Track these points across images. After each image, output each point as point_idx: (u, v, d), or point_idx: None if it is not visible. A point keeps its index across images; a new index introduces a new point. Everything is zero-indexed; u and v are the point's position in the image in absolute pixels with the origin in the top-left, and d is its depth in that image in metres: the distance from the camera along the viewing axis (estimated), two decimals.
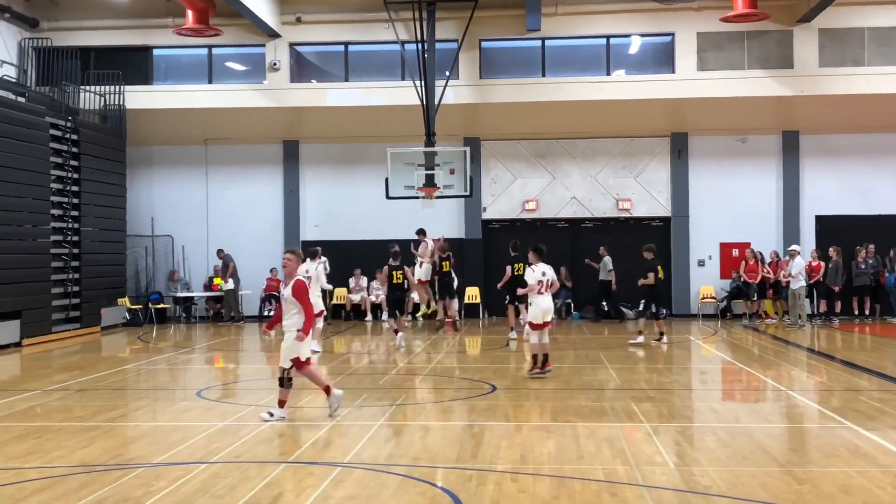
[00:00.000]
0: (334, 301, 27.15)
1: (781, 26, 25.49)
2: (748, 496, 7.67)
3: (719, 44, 26.13)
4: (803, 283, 23.68)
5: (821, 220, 26.94)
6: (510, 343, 20.20)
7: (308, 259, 17.98)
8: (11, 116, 21.75)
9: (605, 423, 10.98)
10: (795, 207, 26.89)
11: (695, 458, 9.30)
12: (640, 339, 19.75)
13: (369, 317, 26.79)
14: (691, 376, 16.53)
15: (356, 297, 27.29)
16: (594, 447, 9.62)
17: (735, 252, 26.86)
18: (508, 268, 20.64)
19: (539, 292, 14.40)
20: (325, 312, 19.35)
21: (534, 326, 14.35)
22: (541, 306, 14.42)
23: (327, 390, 11.35)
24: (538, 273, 14.43)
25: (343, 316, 27.44)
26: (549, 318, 14.59)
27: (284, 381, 11.08)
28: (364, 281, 27.44)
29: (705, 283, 27.09)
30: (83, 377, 15.76)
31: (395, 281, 19.60)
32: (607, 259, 25.94)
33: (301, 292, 11.07)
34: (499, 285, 21.29)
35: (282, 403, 11.14)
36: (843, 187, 26.68)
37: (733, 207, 26.95)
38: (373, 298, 26.97)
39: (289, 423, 11.26)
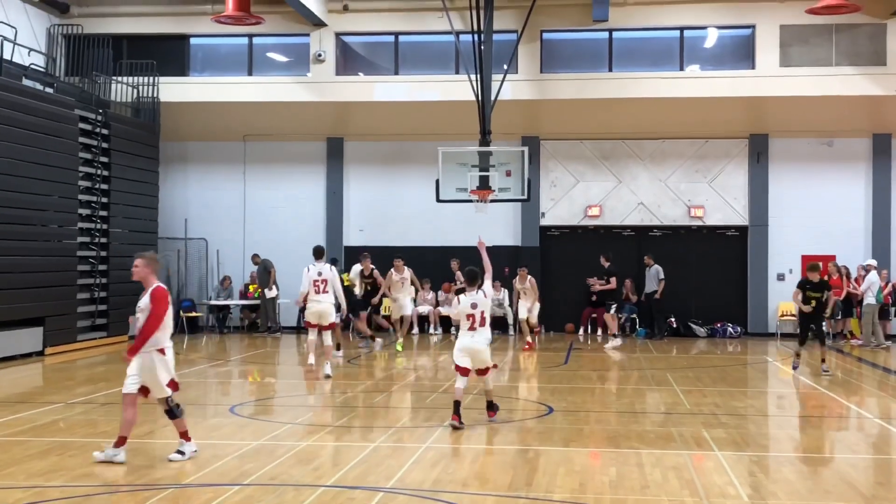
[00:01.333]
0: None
1: (874, 19, 25.19)
2: None
3: (804, 37, 25.94)
4: (873, 301, 23.71)
5: None
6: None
7: (316, 259, 17.95)
8: (39, 108, 22.03)
9: (673, 451, 10.93)
10: (886, 218, 26.66)
11: (771, 490, 9.15)
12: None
13: (415, 329, 26.82)
14: (767, 400, 16.52)
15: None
16: (660, 476, 9.59)
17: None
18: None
19: (471, 328, 12.35)
20: (338, 322, 19.78)
21: (458, 368, 12.40)
22: (463, 344, 12.42)
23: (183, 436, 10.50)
24: (466, 304, 12.39)
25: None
26: (478, 363, 12.46)
27: (175, 411, 10.36)
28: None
29: (785, 299, 26.72)
30: (109, 390, 15.92)
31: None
32: (655, 268, 26.05)
33: (159, 302, 10.01)
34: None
35: (185, 435, 10.46)
36: None
37: (817, 217, 26.76)
38: (422, 310, 27.03)
39: (328, 444, 11.32)
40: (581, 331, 27.19)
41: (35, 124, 21.74)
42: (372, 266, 22.91)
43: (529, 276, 23.37)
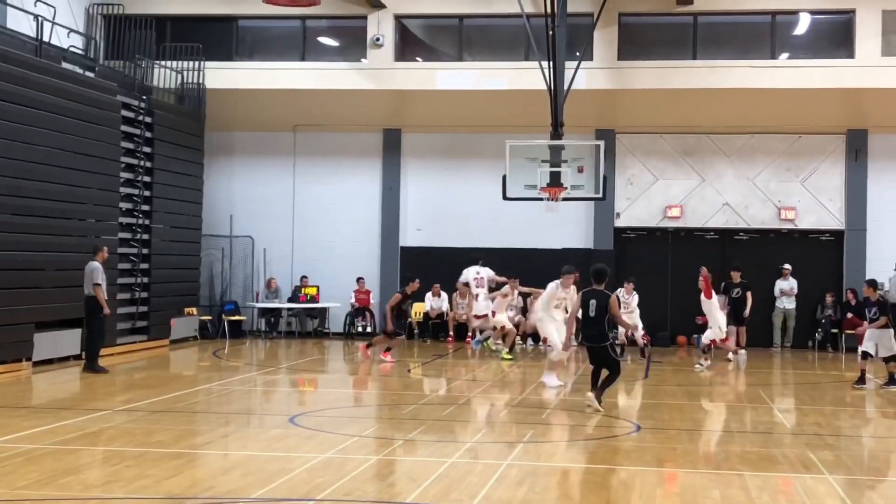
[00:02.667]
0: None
1: None
2: None
3: None
4: None
5: None
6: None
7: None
8: (79, 93, 22.34)
9: (778, 473, 10.98)
10: None
11: None
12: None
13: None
14: (872, 420, 16.42)
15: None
16: (768, 499, 9.59)
17: None
18: (749, 293, 24.32)
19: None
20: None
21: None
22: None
23: None
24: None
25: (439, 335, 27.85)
26: None
27: None
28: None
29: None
30: (155, 397, 16.36)
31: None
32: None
33: None
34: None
35: None
36: None
37: None
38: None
39: (401, 459, 11.52)
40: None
41: (75, 110, 22.01)
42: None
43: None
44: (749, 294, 24.31)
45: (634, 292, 23.55)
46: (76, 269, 21.74)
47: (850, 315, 25.34)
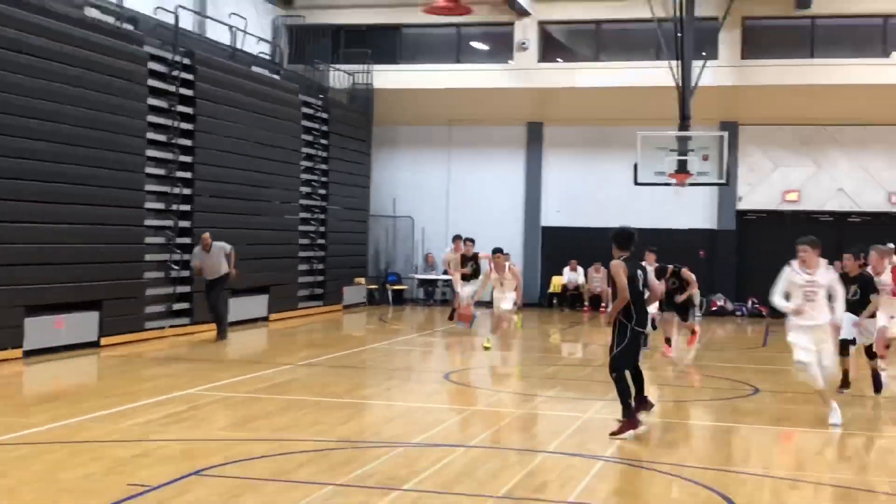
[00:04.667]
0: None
1: None
2: None
3: None
4: None
5: None
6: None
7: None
8: (266, 93, 23.72)
9: (892, 434, 11.29)
10: None
11: None
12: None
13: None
14: None
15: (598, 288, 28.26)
16: (877, 457, 10.00)
17: None
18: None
19: None
20: None
21: None
22: None
23: None
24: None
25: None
26: None
27: None
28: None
29: None
30: (330, 354, 17.36)
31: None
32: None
33: None
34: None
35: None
36: None
37: None
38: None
39: (544, 413, 12.19)
40: None
41: (264, 108, 23.35)
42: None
43: (509, 263, 19.32)
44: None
45: (509, 263, 19.63)
46: (265, 244, 23.24)
47: None
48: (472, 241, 22.61)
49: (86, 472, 8.36)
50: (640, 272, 10.56)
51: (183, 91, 20.51)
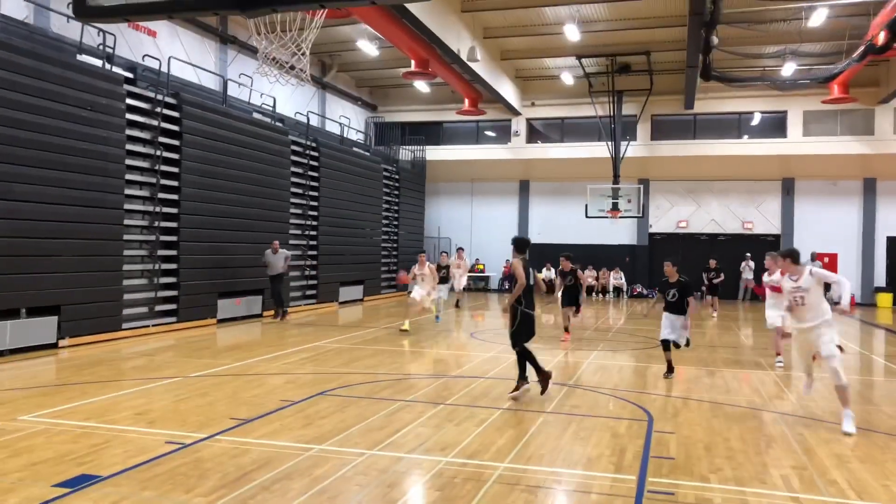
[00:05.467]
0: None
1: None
2: None
3: (819, 118, 25.55)
4: None
5: None
6: None
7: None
8: (361, 164, 23.92)
9: (727, 371, 11.44)
10: None
11: None
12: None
13: None
14: None
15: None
16: (737, 385, 10.16)
17: None
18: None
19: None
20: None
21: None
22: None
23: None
24: None
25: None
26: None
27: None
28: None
29: None
30: (398, 322, 16.60)
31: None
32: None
33: None
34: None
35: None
36: None
37: None
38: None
39: (567, 359, 11.62)
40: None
41: (360, 173, 23.55)
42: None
43: (428, 262, 16.41)
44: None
45: (427, 262, 16.33)
46: (361, 255, 22.87)
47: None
48: (447, 253, 21.25)
49: (254, 394, 8.42)
50: (531, 269, 8.58)
51: (312, 163, 20.76)
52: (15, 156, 11.40)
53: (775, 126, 26.63)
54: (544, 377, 8.60)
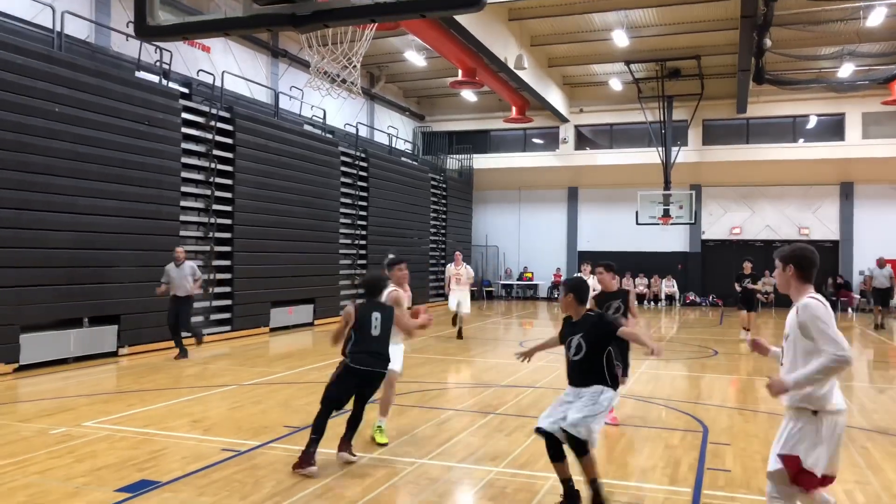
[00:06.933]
0: None
1: None
2: None
3: (879, 120, 25.00)
4: None
5: None
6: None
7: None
8: (410, 173, 24.14)
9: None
10: None
11: None
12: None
13: None
14: None
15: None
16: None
17: None
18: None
19: None
20: None
21: None
22: None
23: None
24: None
25: None
26: None
27: None
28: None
29: None
30: (447, 330, 15.98)
31: None
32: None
33: None
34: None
35: None
36: None
37: None
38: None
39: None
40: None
41: (408, 182, 23.79)
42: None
43: (465, 264, 16.13)
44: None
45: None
46: (418, 273, 23.26)
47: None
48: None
49: (307, 402, 8.41)
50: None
51: (361, 173, 20.97)
52: (78, 170, 11.80)
53: (832, 129, 26.07)
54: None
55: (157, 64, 14.52)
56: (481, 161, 29.22)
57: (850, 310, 25.25)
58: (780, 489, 3.71)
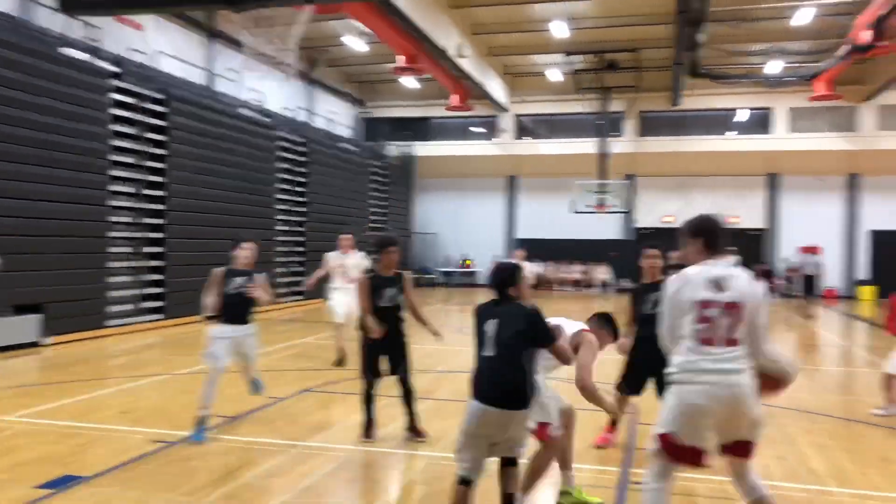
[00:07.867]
0: None
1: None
2: None
3: (804, 115, 25.75)
4: None
5: None
6: None
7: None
8: (349, 159, 23.91)
9: None
10: None
11: None
12: None
13: None
14: None
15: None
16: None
17: None
18: None
19: None
20: None
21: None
22: None
23: None
24: None
25: None
26: None
27: None
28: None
29: None
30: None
31: None
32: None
33: None
34: None
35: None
36: None
37: None
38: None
39: None
40: None
41: (349, 168, 23.61)
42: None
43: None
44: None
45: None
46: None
47: None
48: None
49: (241, 391, 7.49)
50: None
51: (299, 158, 20.74)
52: None
53: (761, 122, 26.79)
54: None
55: (86, 40, 13.91)
56: (422, 148, 29.05)
57: (774, 294, 26.07)
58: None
